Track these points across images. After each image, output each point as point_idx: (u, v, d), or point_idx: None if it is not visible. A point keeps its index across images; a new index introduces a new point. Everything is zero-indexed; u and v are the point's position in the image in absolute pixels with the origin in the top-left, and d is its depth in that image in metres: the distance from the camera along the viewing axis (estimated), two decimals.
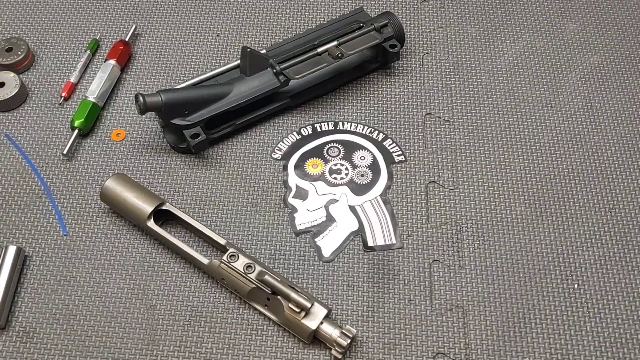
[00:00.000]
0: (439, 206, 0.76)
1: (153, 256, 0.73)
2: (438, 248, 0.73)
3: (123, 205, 0.72)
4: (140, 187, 0.73)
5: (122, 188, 0.73)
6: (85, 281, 0.71)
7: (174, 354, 0.67)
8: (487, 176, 0.78)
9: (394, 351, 0.67)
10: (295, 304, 0.64)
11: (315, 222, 0.74)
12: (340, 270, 0.71)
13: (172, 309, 0.69)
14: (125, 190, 0.72)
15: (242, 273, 0.67)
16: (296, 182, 0.77)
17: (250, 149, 0.80)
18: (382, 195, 0.76)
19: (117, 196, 0.73)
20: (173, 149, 0.80)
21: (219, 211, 0.76)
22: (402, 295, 0.70)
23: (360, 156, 0.79)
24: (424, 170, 0.78)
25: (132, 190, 0.73)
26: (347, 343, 0.64)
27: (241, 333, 0.68)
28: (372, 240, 0.73)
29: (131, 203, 0.72)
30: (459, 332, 0.68)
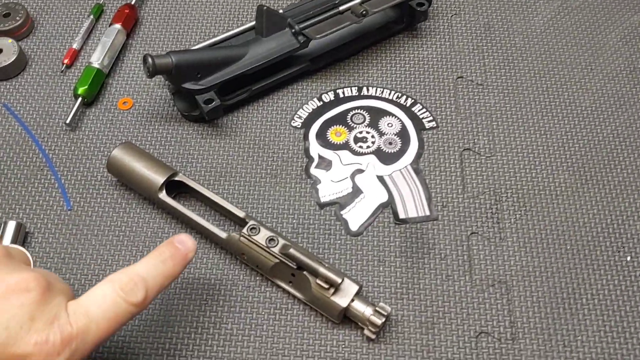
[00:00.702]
0: (476, 175, 0.69)
1: (165, 231, 0.67)
2: (476, 219, 0.67)
3: (132, 176, 0.66)
4: (150, 156, 0.67)
5: (131, 157, 0.67)
6: (91, 259, 0.65)
7: (190, 336, 0.61)
8: (526, 142, 0.71)
9: (432, 330, 0.61)
10: (324, 280, 0.58)
11: (341, 194, 0.68)
12: (370, 244, 0.65)
13: (187, 288, 0.63)
14: (134, 160, 0.66)
15: (264, 247, 0.61)
16: (318, 152, 0.71)
17: (268, 117, 0.74)
18: (412, 164, 0.70)
19: (125, 166, 0.66)
20: (184, 117, 0.74)
21: (236, 183, 0.70)
22: (439, 271, 0.64)
23: (388, 123, 0.73)
24: (457, 137, 0.72)
25: (142, 159, 0.67)
26: (381, 322, 0.58)
27: (263, 312, 0.62)
28: (403, 212, 0.67)
29: (141, 174, 0.66)
30: (503, 310, 0.62)
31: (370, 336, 0.59)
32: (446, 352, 0.60)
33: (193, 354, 0.60)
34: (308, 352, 0.60)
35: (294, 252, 0.59)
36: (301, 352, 0.60)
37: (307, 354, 0.60)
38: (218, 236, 0.63)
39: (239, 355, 0.60)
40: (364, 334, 0.59)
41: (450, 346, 0.60)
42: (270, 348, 0.60)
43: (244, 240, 0.62)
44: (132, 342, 0.61)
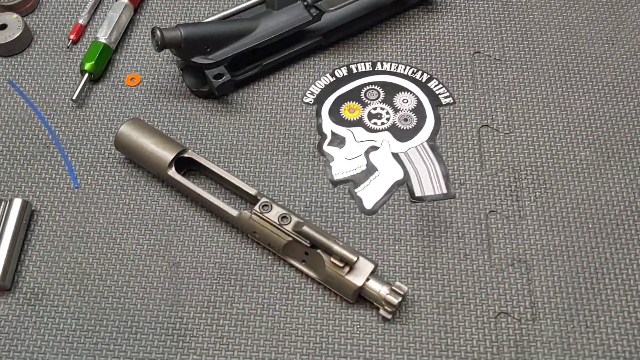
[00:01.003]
0: (494, 152, 0.67)
1: (175, 209, 0.65)
2: (495, 197, 0.65)
3: (140, 152, 0.64)
4: (158, 132, 0.66)
5: (139, 134, 0.65)
6: (99, 237, 0.64)
7: (201, 316, 0.59)
8: (545, 119, 0.69)
9: (449, 311, 0.59)
10: (339, 258, 0.56)
11: (355, 172, 0.66)
12: (385, 223, 0.64)
13: (197, 267, 0.62)
14: (142, 136, 0.65)
15: (276, 225, 0.59)
16: (331, 129, 0.69)
17: (279, 93, 0.72)
18: (429, 140, 0.68)
19: (133, 143, 0.65)
20: (193, 93, 0.72)
21: (246, 160, 0.68)
22: (457, 250, 0.62)
23: (403, 99, 0.71)
24: (475, 113, 0.70)
25: (150, 136, 0.65)
26: (397, 301, 0.56)
27: (276, 292, 0.60)
28: (419, 190, 0.65)
29: (149, 150, 0.64)
30: (523, 290, 0.60)
31: (386, 316, 0.57)
32: (464, 333, 0.58)
33: (204, 333, 0.58)
34: (322, 332, 0.58)
35: (307, 229, 0.57)
36: (315, 333, 0.58)
37: (320, 334, 0.58)
38: (229, 214, 0.61)
39: (250, 335, 0.58)
40: (380, 314, 0.58)
41: (468, 327, 0.58)
42: (283, 328, 0.58)
43: (256, 218, 0.60)
44: (142, 322, 0.59)
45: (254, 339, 0.58)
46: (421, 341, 0.58)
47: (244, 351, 0.58)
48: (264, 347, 0.58)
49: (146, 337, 0.58)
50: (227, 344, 0.58)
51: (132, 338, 0.58)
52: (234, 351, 0.58)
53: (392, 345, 0.57)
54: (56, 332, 0.59)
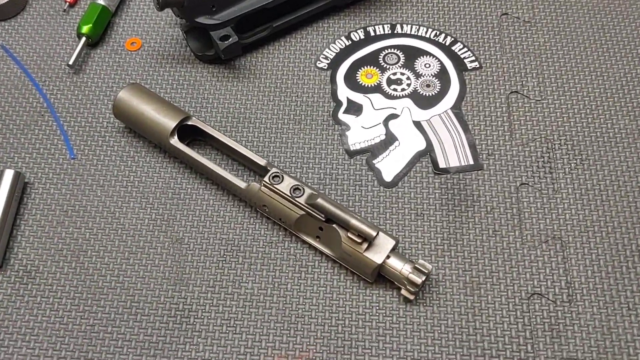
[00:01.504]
0: (525, 120, 0.62)
1: (179, 181, 0.60)
2: (526, 169, 0.59)
3: (140, 120, 0.59)
4: (160, 99, 0.60)
5: (139, 100, 0.60)
6: (97, 211, 0.59)
7: (207, 296, 0.54)
8: (580, 85, 0.64)
9: (477, 292, 0.54)
10: (357, 233, 0.51)
11: (373, 141, 0.61)
12: (406, 196, 0.58)
13: (202, 243, 0.57)
14: (142, 103, 0.60)
15: (288, 197, 0.54)
16: (347, 95, 0.64)
17: (291, 58, 0.67)
18: (453, 108, 0.63)
19: (133, 109, 0.60)
20: (198, 58, 0.67)
21: (255, 129, 0.63)
22: (485, 225, 0.57)
23: (425, 63, 0.65)
24: (503, 78, 0.64)
25: (151, 102, 0.60)
26: (421, 280, 0.51)
27: (287, 271, 0.55)
28: (444, 161, 0.60)
29: (150, 117, 0.59)
30: (558, 269, 0.54)
31: (408, 297, 0.52)
32: (494, 315, 0.53)
33: (210, 315, 0.54)
34: (338, 314, 0.53)
35: (322, 202, 0.52)
36: (330, 315, 0.53)
37: (336, 316, 0.53)
38: (237, 186, 0.56)
39: (260, 317, 0.53)
40: (401, 294, 0.53)
41: (498, 309, 0.53)
42: (295, 310, 0.54)
43: (266, 190, 0.55)
44: (142, 302, 0.54)
45: (263, 321, 0.53)
46: (446, 324, 0.53)
47: (252, 334, 0.53)
48: (274, 330, 0.53)
49: (147, 319, 0.54)
50: (235, 327, 0.53)
51: (132, 319, 0.54)
52: (242, 334, 0.53)
53: (414, 328, 0.52)
54: (50, 313, 0.54)
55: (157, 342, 0.53)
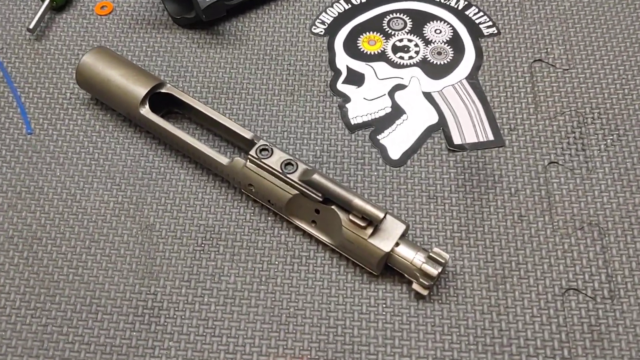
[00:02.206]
0: (551, 91, 0.54)
1: (150, 159, 0.52)
2: (555, 146, 0.51)
3: (106, 87, 0.51)
4: (130, 64, 0.52)
5: (106, 64, 0.51)
6: (55, 193, 0.50)
7: (181, 291, 0.46)
8: (614, 52, 0.56)
9: (502, 286, 0.45)
10: (360, 215, 0.43)
11: (377, 114, 0.53)
12: (416, 176, 0.50)
13: (177, 230, 0.48)
14: (109, 68, 0.51)
15: (278, 173, 0.45)
16: (347, 64, 0.56)
17: (282, 22, 0.59)
18: (469, 78, 0.55)
19: (98, 75, 0.51)
20: (176, 22, 0.59)
21: (241, 101, 0.54)
22: (509, 210, 0.48)
23: (435, 29, 0.57)
24: (525, 45, 0.56)
25: (120, 67, 0.51)
26: (437, 272, 0.43)
27: (277, 262, 0.47)
28: (459, 137, 0.51)
29: (117, 84, 0.51)
30: (597, 260, 0.46)
31: (421, 292, 0.44)
32: (523, 315, 0.44)
33: (184, 314, 0.45)
34: (337, 313, 0.45)
35: (318, 178, 0.44)
36: (327, 314, 0.45)
37: (335, 316, 0.45)
38: (218, 162, 0.48)
39: (244, 317, 0.45)
40: (413, 289, 0.44)
41: (528, 306, 0.45)
42: (286, 308, 0.45)
43: (252, 166, 0.46)
44: (104, 299, 0.46)
45: (248, 321, 0.45)
46: (466, 325, 0.44)
47: (234, 337, 0.44)
48: (261, 331, 0.44)
49: (109, 318, 0.45)
50: (214, 328, 0.45)
51: (92, 319, 0.45)
52: (221, 337, 0.44)
53: (428, 329, 0.44)
54: None
55: (121, 345, 0.44)
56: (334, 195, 0.43)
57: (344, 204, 0.43)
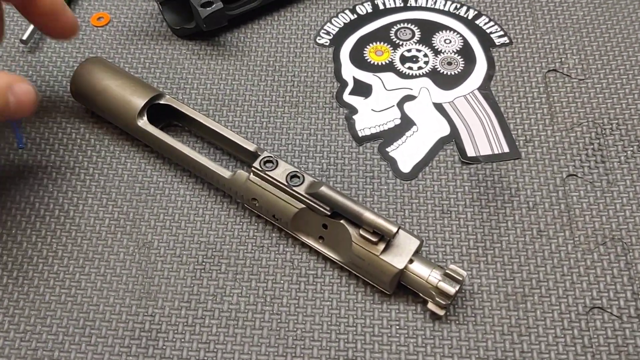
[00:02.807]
0: (567, 102, 0.52)
1: (148, 174, 0.49)
2: (573, 158, 0.49)
3: (102, 98, 0.49)
4: (127, 74, 0.50)
5: (101, 75, 0.49)
6: (47, 210, 0.48)
7: (180, 313, 0.43)
8: (631, 60, 0.54)
9: (523, 305, 0.43)
10: (372, 229, 0.40)
11: (386, 126, 0.51)
12: (429, 190, 0.48)
13: (176, 247, 0.46)
14: (104, 78, 0.49)
15: (284, 186, 0.43)
16: (353, 74, 0.54)
17: (286, 33, 0.56)
18: (481, 88, 0.52)
19: (93, 87, 0.49)
20: (175, 33, 0.56)
21: (243, 114, 0.52)
22: (527, 224, 0.46)
23: (445, 39, 0.55)
24: (538, 55, 0.54)
25: (116, 77, 0.49)
26: (455, 290, 0.40)
27: (283, 281, 0.44)
28: (472, 149, 0.49)
29: (113, 95, 0.48)
30: (622, 276, 0.44)
31: (437, 312, 0.41)
32: (545, 335, 0.41)
33: (183, 337, 0.42)
34: (347, 335, 0.42)
35: (327, 190, 0.41)
36: (337, 336, 0.42)
37: (345, 338, 0.42)
38: (219, 175, 0.45)
39: (248, 340, 0.42)
40: (428, 308, 0.41)
41: (550, 326, 0.42)
42: (293, 330, 0.42)
43: (256, 178, 0.44)
44: (99, 321, 0.43)
45: (252, 344, 0.42)
46: (486, 347, 0.41)
47: None
48: (266, 355, 0.41)
49: (104, 342, 0.42)
50: (215, 352, 0.42)
51: (85, 342, 0.42)
52: None
53: (445, 352, 0.41)
54: None
55: None
56: (343, 208, 0.41)
57: (354, 218, 0.41)
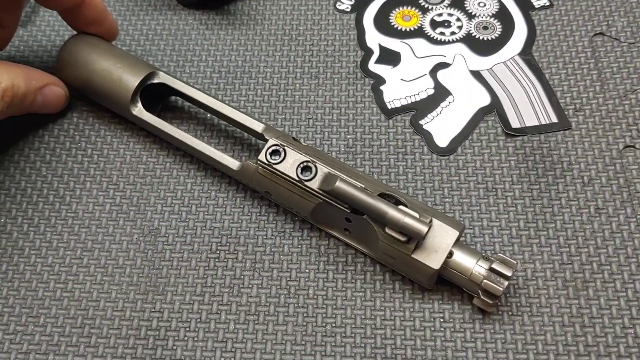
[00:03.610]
0: (617, 67, 0.46)
1: (153, 154, 0.44)
2: (629, 127, 0.43)
3: (91, 80, 0.43)
4: (120, 52, 0.44)
5: (90, 52, 0.44)
6: (40, 196, 0.42)
7: (192, 308, 0.38)
8: None
9: (584, 292, 0.37)
10: (398, 229, 0.35)
11: (418, 97, 0.45)
12: (470, 166, 0.42)
13: (186, 234, 0.40)
14: (95, 56, 0.43)
15: (295, 182, 0.37)
16: (379, 42, 0.48)
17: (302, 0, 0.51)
18: (522, 54, 0.47)
19: (82, 67, 0.43)
20: (181, 2, 0.51)
21: (258, 87, 0.47)
22: (583, 202, 0.40)
23: (478, 2, 0.50)
24: (582, 18, 0.49)
25: (107, 55, 0.43)
26: (502, 289, 0.34)
27: (308, 270, 0.39)
28: (517, 120, 0.44)
29: (102, 82, 0.43)
30: None
31: (484, 309, 0.36)
32: (612, 326, 0.36)
33: (197, 335, 0.37)
34: (384, 330, 0.36)
35: (343, 186, 0.36)
36: (373, 331, 0.36)
37: (382, 334, 0.36)
38: (227, 167, 0.40)
39: (270, 337, 0.37)
40: (474, 304, 0.36)
41: (617, 316, 0.36)
42: (322, 325, 0.37)
43: (265, 172, 0.38)
44: (99, 319, 0.38)
45: (276, 342, 0.36)
46: (545, 341, 0.36)
47: None
48: (292, 355, 0.36)
49: (105, 343, 0.37)
50: (234, 351, 0.36)
51: (84, 344, 0.37)
52: None
53: (498, 348, 0.36)
54: None
55: None
56: (363, 206, 0.35)
57: (377, 217, 0.35)
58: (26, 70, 0.41)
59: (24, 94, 0.40)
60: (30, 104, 0.42)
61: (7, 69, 0.40)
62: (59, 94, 0.44)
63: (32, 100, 0.42)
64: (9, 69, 0.40)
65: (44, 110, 0.43)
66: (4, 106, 0.39)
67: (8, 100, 0.39)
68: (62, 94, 0.44)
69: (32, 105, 0.42)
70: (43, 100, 0.43)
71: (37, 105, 0.42)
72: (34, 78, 0.42)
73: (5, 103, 0.39)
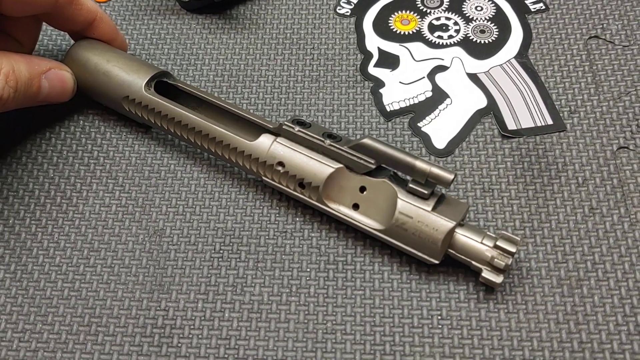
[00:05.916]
0: (612, 70, 0.47)
1: (158, 156, 0.45)
2: (623, 129, 0.44)
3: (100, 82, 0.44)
4: (127, 55, 0.45)
5: (99, 56, 0.45)
6: (48, 197, 0.43)
7: (197, 306, 0.39)
8: None
9: (579, 290, 0.38)
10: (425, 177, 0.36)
11: (416, 99, 0.46)
12: (467, 167, 0.43)
13: (190, 235, 0.41)
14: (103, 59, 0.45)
15: (321, 142, 0.39)
16: (378, 45, 0.49)
17: (303, 4, 0.52)
18: (518, 57, 0.48)
19: (90, 69, 0.44)
20: (184, 7, 0.52)
21: (260, 90, 0.48)
22: (578, 202, 0.41)
23: (476, 6, 0.51)
24: (577, 21, 0.50)
25: (115, 58, 0.45)
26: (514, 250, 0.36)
27: (309, 268, 0.40)
28: (513, 122, 0.45)
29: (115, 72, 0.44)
30: None
31: (494, 281, 0.36)
32: (606, 323, 0.37)
33: (201, 332, 0.38)
34: (383, 327, 0.37)
35: (371, 141, 0.37)
36: (372, 328, 0.37)
37: (382, 331, 0.37)
38: (241, 141, 0.40)
39: (273, 335, 0.38)
40: (482, 279, 0.37)
41: (611, 313, 0.37)
42: (323, 322, 0.38)
43: (284, 140, 0.40)
44: (106, 317, 0.39)
45: (278, 339, 0.37)
46: (540, 338, 0.37)
47: (262, 359, 0.37)
48: (294, 351, 0.37)
49: (112, 340, 0.38)
50: (237, 348, 0.37)
51: (91, 342, 0.38)
52: (246, 359, 0.37)
53: (494, 345, 0.37)
54: None
55: None
56: (392, 158, 0.37)
57: (405, 168, 0.36)
58: (27, 57, 0.41)
59: (28, 79, 0.40)
60: (37, 91, 0.41)
61: (5, 55, 0.40)
62: (65, 77, 0.43)
63: (39, 86, 0.41)
64: (7, 55, 0.40)
65: (53, 98, 0.43)
66: (10, 92, 0.39)
67: (13, 85, 0.39)
68: (68, 77, 0.43)
69: (39, 92, 0.41)
70: (50, 87, 0.42)
71: (44, 93, 0.42)
72: (35, 63, 0.41)
73: (11, 88, 0.39)
